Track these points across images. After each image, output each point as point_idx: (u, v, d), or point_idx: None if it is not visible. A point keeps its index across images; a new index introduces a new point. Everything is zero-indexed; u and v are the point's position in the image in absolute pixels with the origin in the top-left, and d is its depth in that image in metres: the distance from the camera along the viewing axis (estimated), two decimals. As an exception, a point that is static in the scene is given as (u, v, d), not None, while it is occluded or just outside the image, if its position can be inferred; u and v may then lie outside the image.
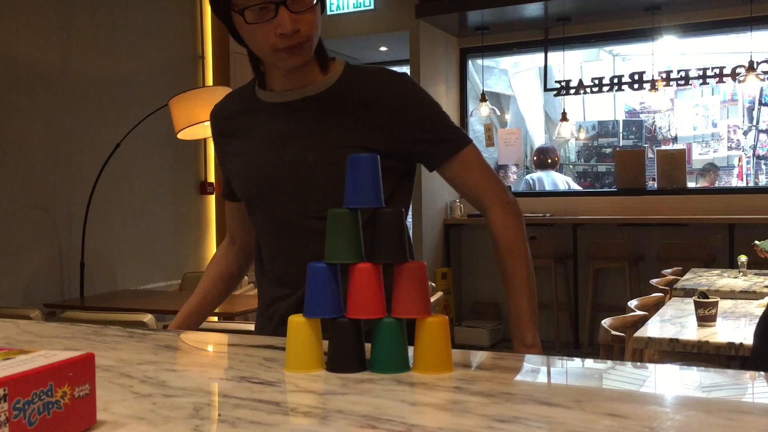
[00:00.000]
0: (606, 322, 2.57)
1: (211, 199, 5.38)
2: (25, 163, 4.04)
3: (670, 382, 0.83)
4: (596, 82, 6.53)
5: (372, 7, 6.34)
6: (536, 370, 0.91)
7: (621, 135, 8.60)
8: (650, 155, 7.24)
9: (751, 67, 5.80)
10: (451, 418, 0.67)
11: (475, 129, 7.20)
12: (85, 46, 4.41)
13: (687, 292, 3.37)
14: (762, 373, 0.83)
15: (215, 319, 3.71)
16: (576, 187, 6.94)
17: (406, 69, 6.55)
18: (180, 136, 3.85)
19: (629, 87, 6.43)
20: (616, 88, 6.50)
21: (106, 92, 4.49)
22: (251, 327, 2.69)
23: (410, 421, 0.66)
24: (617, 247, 5.59)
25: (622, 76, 6.49)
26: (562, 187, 6.74)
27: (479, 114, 6.86)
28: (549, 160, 6.78)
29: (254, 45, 1.23)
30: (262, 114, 1.32)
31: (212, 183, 5.34)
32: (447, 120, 1.34)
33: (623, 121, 8.67)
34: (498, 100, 8.30)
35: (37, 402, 0.59)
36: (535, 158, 6.90)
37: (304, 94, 1.29)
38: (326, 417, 0.68)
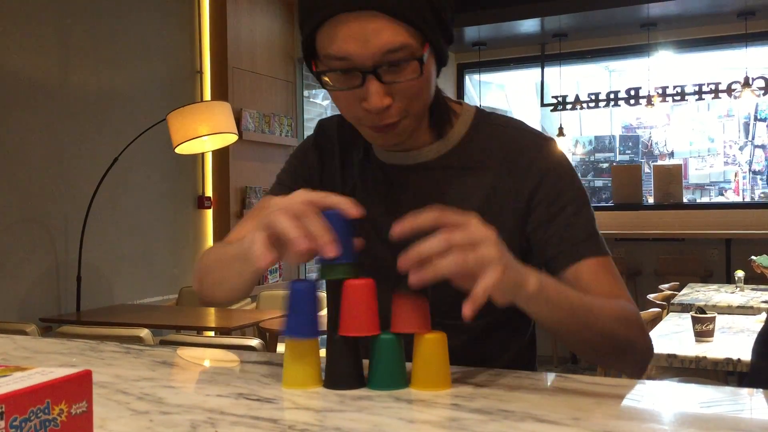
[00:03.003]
0: (603, 338, 2.56)
1: (209, 214, 5.38)
2: (22, 177, 4.03)
3: (669, 399, 0.83)
4: (593, 97, 6.57)
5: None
6: (534, 386, 0.91)
7: (618, 150, 8.63)
8: (647, 170, 7.26)
9: (746, 83, 5.84)
10: (449, 435, 0.67)
11: (473, 144, 7.20)
12: (84, 60, 4.42)
13: (684, 308, 3.37)
14: (760, 390, 0.83)
15: (212, 333, 3.70)
16: None
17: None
18: (178, 150, 3.86)
19: (626, 102, 6.47)
20: (612, 103, 6.53)
21: (105, 107, 4.50)
22: (250, 342, 2.69)
23: (408, 439, 0.66)
24: (614, 261, 5.59)
25: (619, 91, 6.53)
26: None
27: (476, 129, 6.88)
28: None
29: (340, 110, 1.02)
30: (374, 176, 1.10)
31: (209, 197, 5.34)
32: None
33: (620, 136, 8.71)
34: (495, 115, 8.31)
35: (34, 420, 0.59)
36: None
37: (417, 159, 1.07)
38: (324, 434, 0.67)
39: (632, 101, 6.41)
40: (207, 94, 5.25)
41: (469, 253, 0.75)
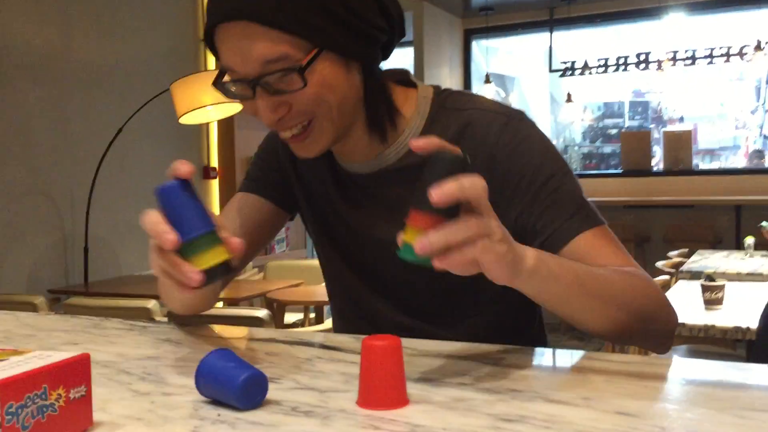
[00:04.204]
0: (612, 307, 2.55)
1: (214, 184, 5.37)
2: (27, 149, 4.02)
3: (680, 378, 0.81)
4: (602, 62, 6.49)
5: (375, -12, 6.29)
6: (542, 365, 0.89)
7: (627, 116, 8.54)
8: (656, 136, 7.19)
9: (758, 46, 5.75)
10: (456, 417, 0.65)
11: (480, 111, 7.14)
12: (86, 30, 4.37)
13: (693, 275, 3.35)
14: (773, 365, 0.81)
15: (220, 304, 3.71)
16: None
17: (409, 51, 6.50)
18: (182, 120, 3.83)
19: (635, 67, 6.39)
20: (622, 68, 6.45)
21: (108, 77, 4.47)
22: (257, 313, 2.69)
23: (414, 421, 0.64)
24: (623, 228, 5.57)
25: (628, 56, 6.44)
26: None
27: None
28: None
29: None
30: (345, 187, 1.06)
31: (215, 168, 5.32)
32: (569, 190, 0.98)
33: (629, 102, 8.61)
34: (503, 81, 8.24)
35: (31, 406, 0.58)
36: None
37: (379, 165, 1.01)
38: (328, 416, 0.66)
39: (642, 66, 6.33)
40: (211, 64, 5.20)
41: (485, 247, 0.71)
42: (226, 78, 0.91)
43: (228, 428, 0.64)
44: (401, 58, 8.17)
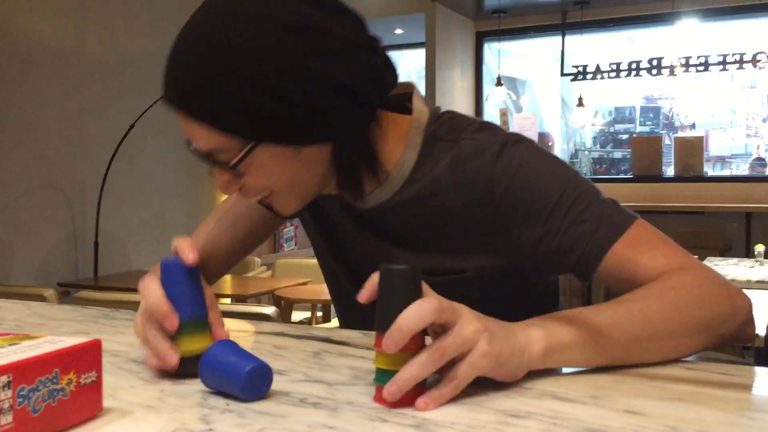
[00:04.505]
0: (620, 311, 2.54)
1: (225, 181, 5.38)
2: (40, 143, 4.04)
3: (689, 379, 0.81)
4: (614, 67, 6.48)
5: (388, -12, 6.32)
6: (551, 362, 0.89)
7: (638, 121, 8.51)
8: (667, 142, 7.16)
9: (772, 54, 5.72)
10: (464, 412, 0.65)
11: (490, 114, 7.14)
12: (100, 25, 4.39)
13: (702, 282, 3.33)
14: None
15: (227, 301, 3.72)
16: None
17: (421, 52, 6.50)
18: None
19: (648, 72, 6.37)
20: (634, 73, 6.44)
21: (122, 73, 4.49)
22: (265, 310, 2.69)
23: (422, 415, 0.64)
24: (632, 234, 5.55)
25: (641, 61, 6.43)
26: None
27: (494, 98, 6.81)
28: (549, 144, 6.75)
29: None
30: (344, 212, 1.04)
31: (226, 165, 5.34)
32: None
33: (640, 107, 8.58)
34: (514, 84, 8.23)
35: (42, 389, 0.58)
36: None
37: (372, 202, 0.98)
38: (336, 408, 0.66)
39: (654, 71, 6.32)
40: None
41: (469, 367, 0.68)
42: None
43: (236, 417, 0.64)
44: (414, 59, 8.18)
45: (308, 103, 0.83)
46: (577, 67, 6.57)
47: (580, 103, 6.68)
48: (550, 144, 7.01)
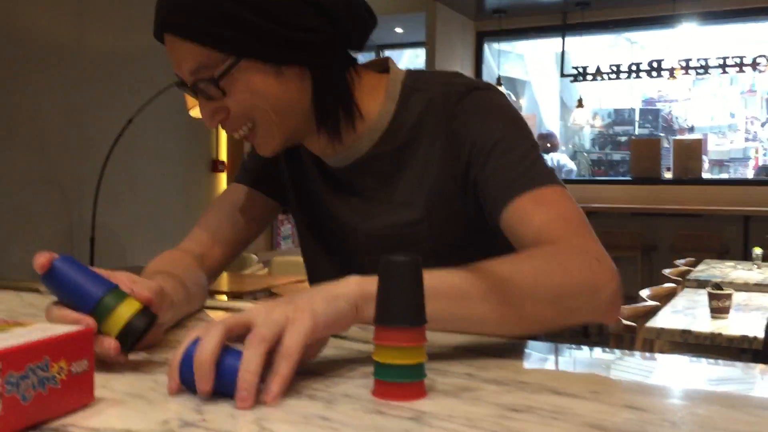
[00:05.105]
0: (618, 311, 2.54)
1: (223, 177, 5.37)
2: (37, 138, 4.03)
3: (689, 375, 0.80)
4: (614, 68, 6.47)
5: (388, -13, 6.31)
6: (549, 358, 0.88)
7: (637, 123, 8.52)
8: (666, 144, 7.16)
9: (772, 57, 5.71)
10: (461, 405, 0.64)
11: (490, 114, 7.13)
12: (99, 20, 4.38)
13: (700, 284, 3.33)
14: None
15: (225, 298, 3.71)
16: (571, 165, 6.91)
17: (421, 52, 6.49)
18: (192, 113, 3.83)
19: (647, 75, 6.37)
20: (634, 75, 6.43)
21: (119, 67, 4.47)
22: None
23: (419, 408, 0.63)
24: (630, 236, 5.54)
25: (641, 63, 6.42)
26: (568, 165, 6.77)
27: (494, 99, 6.83)
28: (548, 145, 6.76)
29: None
30: (326, 177, 1.07)
31: (224, 161, 5.32)
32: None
33: (640, 109, 8.58)
34: (513, 85, 8.23)
35: (32, 377, 0.57)
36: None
37: (353, 157, 1.02)
38: (332, 401, 0.65)
39: (654, 73, 6.31)
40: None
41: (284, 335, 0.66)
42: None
43: (230, 408, 0.63)
44: (413, 59, 8.16)
45: (289, 20, 0.88)
46: (577, 68, 6.56)
47: (580, 104, 6.68)
48: (556, 144, 7.02)
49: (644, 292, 2.98)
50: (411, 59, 8.28)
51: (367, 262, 1.03)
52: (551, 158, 6.62)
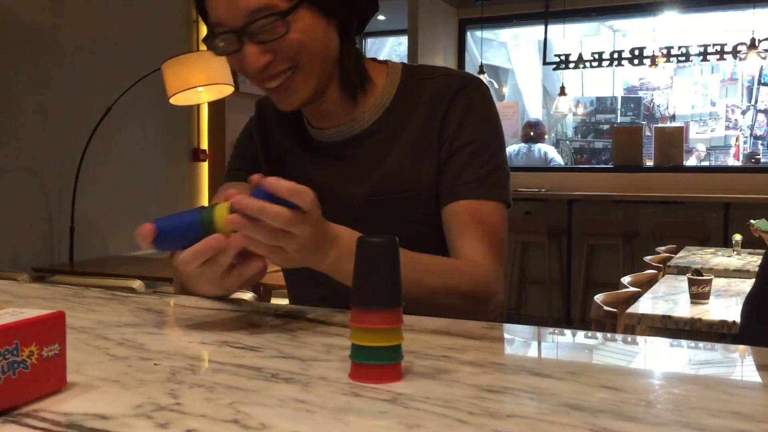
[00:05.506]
0: (599, 298, 2.56)
1: (204, 167, 5.33)
2: (14, 126, 3.97)
3: (666, 357, 0.80)
4: (596, 56, 6.48)
5: (371, -26, 6.24)
6: (528, 341, 0.88)
7: (619, 111, 8.54)
8: (648, 133, 7.20)
9: (752, 45, 5.75)
10: (438, 387, 0.64)
11: (473, 102, 7.11)
12: (76, 7, 4.32)
13: (680, 270, 3.35)
14: (756, 348, 0.80)
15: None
16: (559, 159, 6.87)
17: (403, 39, 6.47)
18: (173, 101, 3.79)
19: (629, 62, 6.38)
20: (616, 63, 6.45)
21: (98, 55, 4.42)
22: (243, 296, 2.66)
23: (397, 390, 0.63)
24: (612, 223, 5.57)
25: (623, 51, 6.44)
26: (556, 159, 6.70)
27: (477, 87, 6.80)
28: (533, 134, 6.72)
29: (239, 73, 1.14)
30: (313, 152, 1.14)
31: (205, 150, 5.28)
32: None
33: (621, 97, 8.61)
34: (496, 73, 8.22)
35: (2, 361, 0.56)
36: (523, 132, 6.81)
37: (352, 131, 1.10)
38: (308, 384, 0.65)
39: (636, 61, 6.33)
40: (203, 44, 5.15)
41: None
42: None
43: (205, 392, 0.62)
44: (395, 47, 8.14)
45: None
46: (559, 56, 6.57)
47: (562, 92, 6.69)
48: (543, 132, 6.98)
49: (626, 279, 3.01)
50: (393, 47, 8.25)
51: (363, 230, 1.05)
52: (539, 150, 6.58)
